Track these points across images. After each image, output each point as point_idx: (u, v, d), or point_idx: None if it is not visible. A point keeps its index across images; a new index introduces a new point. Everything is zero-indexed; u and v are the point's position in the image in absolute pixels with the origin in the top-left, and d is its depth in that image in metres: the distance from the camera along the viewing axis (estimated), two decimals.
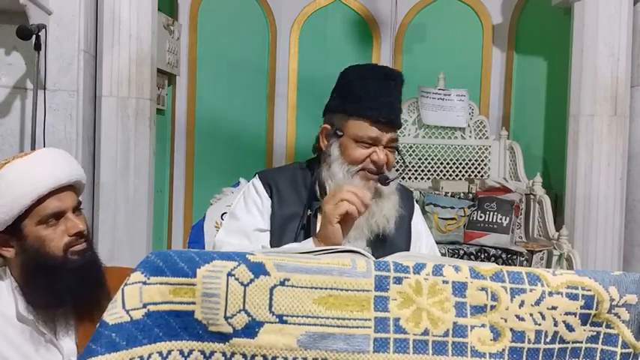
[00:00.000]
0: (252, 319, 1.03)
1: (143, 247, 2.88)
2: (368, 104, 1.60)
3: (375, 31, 4.18)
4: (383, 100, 1.61)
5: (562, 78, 3.48)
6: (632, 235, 3.29)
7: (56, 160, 1.44)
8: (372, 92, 1.61)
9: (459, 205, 3.48)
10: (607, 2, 3.14)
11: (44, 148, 1.49)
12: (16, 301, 1.41)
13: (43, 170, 1.40)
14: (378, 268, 1.07)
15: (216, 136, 3.94)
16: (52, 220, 1.40)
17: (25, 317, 1.41)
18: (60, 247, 1.40)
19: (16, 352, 1.39)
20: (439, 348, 1.05)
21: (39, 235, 1.39)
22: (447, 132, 3.89)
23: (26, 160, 1.41)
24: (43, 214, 1.39)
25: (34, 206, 1.38)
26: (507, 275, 1.09)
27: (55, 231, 1.40)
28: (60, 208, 1.41)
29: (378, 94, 1.61)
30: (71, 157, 1.51)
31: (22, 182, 1.37)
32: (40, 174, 1.39)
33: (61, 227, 1.41)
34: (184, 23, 3.82)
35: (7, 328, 1.40)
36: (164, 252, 1.05)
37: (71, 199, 1.44)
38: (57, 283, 1.38)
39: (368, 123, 1.60)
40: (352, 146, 1.62)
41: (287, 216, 1.66)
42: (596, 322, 1.10)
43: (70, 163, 1.48)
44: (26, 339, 1.40)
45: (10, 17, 2.69)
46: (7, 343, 1.39)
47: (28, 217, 1.38)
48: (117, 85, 2.89)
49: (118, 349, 0.99)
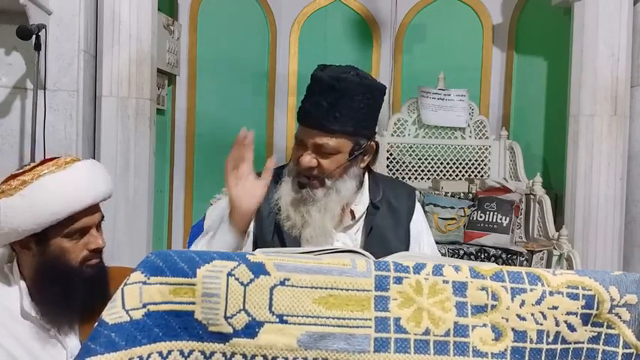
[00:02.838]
0: (253, 319, 1.03)
1: (143, 247, 2.87)
2: (307, 107, 1.61)
3: (375, 31, 4.18)
4: (315, 104, 1.58)
5: (562, 78, 3.48)
6: (632, 235, 3.29)
7: (95, 177, 1.44)
8: (310, 96, 1.61)
9: (459, 205, 3.48)
10: (607, 2, 3.14)
11: (84, 161, 1.46)
12: (22, 298, 1.42)
13: (82, 187, 1.39)
14: (378, 268, 1.07)
15: (216, 136, 3.94)
16: (77, 234, 1.41)
17: (28, 314, 1.41)
18: (77, 260, 1.42)
19: (21, 348, 1.39)
20: (441, 348, 1.05)
21: (61, 245, 1.40)
22: (447, 132, 3.88)
23: (67, 173, 1.39)
24: (72, 228, 1.40)
25: (66, 220, 1.38)
26: (507, 275, 1.09)
27: (76, 244, 1.42)
28: (87, 224, 1.42)
29: (315, 98, 1.59)
30: (105, 171, 1.51)
31: (61, 197, 1.36)
32: (81, 191, 1.38)
33: (83, 241, 1.42)
34: (184, 23, 3.82)
35: (12, 324, 1.40)
36: (164, 252, 1.05)
37: (98, 215, 1.46)
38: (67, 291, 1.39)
39: (301, 125, 1.63)
40: (294, 148, 1.66)
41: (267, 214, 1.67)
42: (597, 323, 1.10)
43: (106, 178, 1.48)
44: (32, 335, 1.41)
45: (10, 17, 2.68)
46: (12, 339, 1.39)
47: (56, 228, 1.38)
48: (117, 85, 2.89)
49: (117, 349, 0.99)
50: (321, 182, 1.61)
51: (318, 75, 1.61)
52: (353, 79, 1.59)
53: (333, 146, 1.58)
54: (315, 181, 1.61)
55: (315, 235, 1.60)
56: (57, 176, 1.37)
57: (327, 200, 1.61)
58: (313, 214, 1.60)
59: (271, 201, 1.65)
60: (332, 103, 1.57)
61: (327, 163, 1.60)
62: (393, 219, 1.70)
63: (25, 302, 1.42)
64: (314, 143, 1.59)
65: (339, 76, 1.57)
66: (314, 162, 1.60)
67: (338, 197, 1.61)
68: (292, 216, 1.62)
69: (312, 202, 1.61)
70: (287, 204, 1.62)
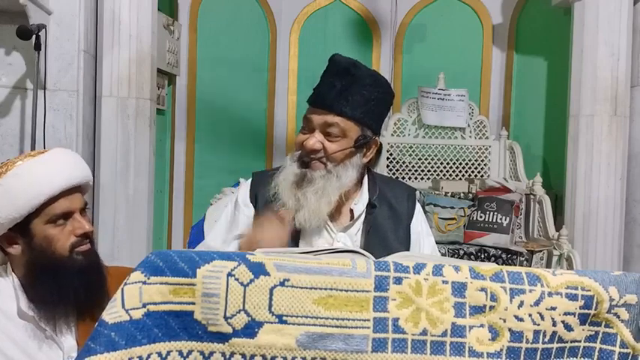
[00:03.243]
0: (252, 319, 1.03)
1: (143, 247, 2.88)
2: (314, 90, 1.63)
3: (375, 31, 4.18)
4: (326, 86, 1.61)
5: (562, 78, 3.48)
6: (632, 235, 3.29)
7: (67, 161, 1.46)
8: (321, 80, 1.63)
9: (459, 205, 3.48)
10: (607, 2, 3.14)
11: (55, 148, 1.50)
12: (18, 298, 1.42)
13: (55, 171, 1.41)
14: (378, 269, 1.07)
15: (216, 136, 3.94)
16: (60, 220, 1.42)
17: (25, 314, 1.41)
18: (66, 247, 1.42)
19: (17, 349, 1.39)
20: (437, 348, 1.06)
21: (46, 234, 1.40)
22: (447, 132, 3.89)
23: (38, 160, 1.42)
24: (53, 213, 1.40)
25: (44, 206, 1.39)
26: (507, 275, 1.08)
27: (62, 231, 1.42)
28: (69, 208, 1.43)
29: (326, 82, 1.61)
30: (80, 157, 1.53)
31: (35, 182, 1.38)
32: (52, 175, 1.40)
33: (68, 227, 1.43)
34: (184, 23, 3.82)
35: (8, 326, 1.40)
36: (164, 252, 1.05)
37: (79, 200, 1.46)
38: (61, 282, 1.39)
39: (310, 106, 1.63)
40: (299, 133, 1.65)
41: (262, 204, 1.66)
42: (595, 322, 1.10)
43: (80, 163, 1.50)
44: (28, 336, 1.41)
45: (10, 17, 2.69)
46: (8, 340, 1.39)
47: (37, 216, 1.39)
48: (117, 85, 2.89)
49: (117, 349, 0.99)
50: (323, 164, 1.60)
51: (336, 58, 1.64)
52: (369, 70, 1.65)
53: (341, 127, 1.59)
54: (317, 162, 1.60)
55: (309, 219, 1.58)
56: (29, 163, 1.40)
57: (326, 184, 1.59)
58: (309, 197, 1.58)
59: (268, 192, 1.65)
60: (345, 86, 1.59)
61: (332, 147, 1.60)
62: (393, 219, 1.70)
63: (21, 302, 1.42)
64: (324, 122, 1.59)
65: (356, 63, 1.62)
66: (319, 145, 1.59)
67: (338, 183, 1.60)
68: (286, 200, 1.60)
69: (310, 183, 1.59)
70: (284, 189, 1.61)
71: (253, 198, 1.69)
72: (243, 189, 1.72)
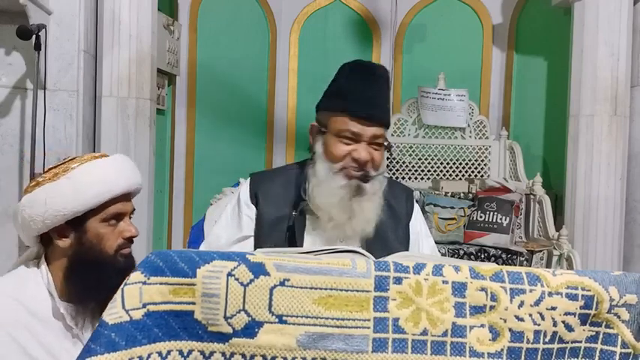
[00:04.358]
0: (252, 320, 1.03)
1: (143, 247, 2.88)
2: (350, 99, 1.59)
3: (375, 31, 4.18)
4: (365, 95, 1.59)
5: (562, 78, 3.48)
6: (632, 235, 3.29)
7: (129, 166, 1.55)
8: (354, 87, 1.60)
9: (459, 205, 3.48)
10: (607, 2, 3.14)
11: (117, 155, 1.58)
12: (51, 294, 1.44)
13: (120, 173, 1.50)
14: (378, 269, 1.07)
15: (216, 135, 3.94)
16: (112, 220, 1.48)
17: (57, 311, 1.43)
18: (113, 247, 1.47)
19: (42, 349, 1.40)
20: (437, 348, 1.06)
21: (98, 232, 1.46)
22: (447, 132, 3.89)
23: (105, 161, 1.50)
24: (109, 213, 1.46)
25: (105, 205, 1.46)
26: (507, 275, 1.08)
27: (112, 231, 1.48)
28: (123, 210, 1.50)
29: (361, 90, 1.59)
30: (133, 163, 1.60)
31: (103, 180, 1.45)
32: (118, 176, 1.49)
33: (118, 229, 1.49)
34: (184, 23, 3.82)
35: (35, 325, 1.41)
36: (164, 252, 1.05)
37: (131, 205, 1.54)
38: (102, 279, 1.41)
39: (348, 118, 1.58)
40: (334, 142, 1.59)
41: (274, 219, 1.64)
42: (596, 322, 1.10)
43: (136, 170, 1.58)
44: (55, 335, 1.43)
45: (10, 17, 2.69)
46: (33, 340, 1.40)
47: (95, 213, 1.45)
48: (117, 85, 2.89)
49: (117, 349, 0.99)
50: (370, 175, 1.60)
51: (365, 64, 1.64)
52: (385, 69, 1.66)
53: (384, 137, 1.61)
54: (369, 173, 1.59)
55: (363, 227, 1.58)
56: (98, 163, 1.49)
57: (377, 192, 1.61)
58: (364, 206, 1.58)
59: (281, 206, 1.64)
60: (379, 94, 1.61)
61: (377, 156, 1.60)
62: (393, 219, 1.70)
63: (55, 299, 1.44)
64: (373, 135, 1.58)
65: (382, 66, 1.64)
66: (369, 156, 1.59)
67: (380, 190, 1.62)
68: (336, 214, 1.58)
69: (364, 194, 1.59)
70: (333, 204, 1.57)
71: (254, 198, 1.68)
72: (244, 190, 1.72)
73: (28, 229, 1.44)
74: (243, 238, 1.66)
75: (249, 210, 1.68)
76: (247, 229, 1.67)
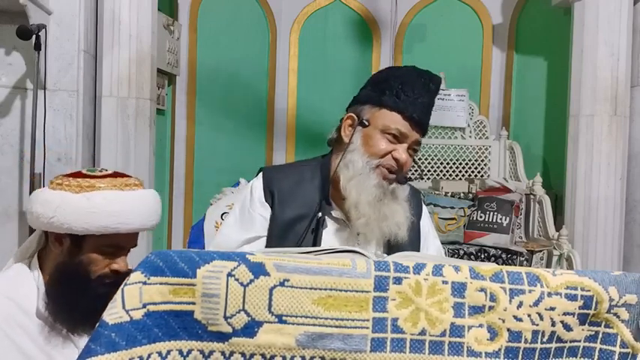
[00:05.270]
0: (252, 319, 1.03)
1: (143, 247, 2.88)
2: (405, 99, 1.56)
3: (375, 31, 4.18)
4: (421, 100, 1.58)
5: (562, 78, 3.48)
6: (632, 235, 3.29)
7: (151, 207, 1.51)
8: (411, 90, 1.58)
9: (459, 205, 3.48)
10: (607, 2, 3.14)
11: (148, 190, 1.54)
12: (38, 296, 1.44)
13: (137, 213, 1.46)
14: (378, 269, 1.07)
15: (216, 136, 3.94)
16: (111, 249, 1.46)
17: (41, 313, 1.43)
18: (96, 274, 1.45)
19: (34, 344, 1.41)
20: (435, 347, 1.06)
21: (91, 254, 1.45)
22: (447, 132, 3.89)
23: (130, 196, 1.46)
24: (109, 243, 1.45)
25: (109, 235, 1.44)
26: (507, 276, 1.08)
27: (103, 260, 1.46)
28: (124, 244, 1.48)
29: (418, 94, 1.58)
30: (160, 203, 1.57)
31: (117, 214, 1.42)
32: (134, 216, 1.45)
33: (109, 259, 1.47)
34: (184, 23, 3.82)
35: (26, 322, 1.42)
36: (164, 252, 1.05)
37: (134, 240, 1.51)
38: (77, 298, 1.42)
39: (401, 116, 1.56)
40: (377, 137, 1.57)
41: (290, 219, 1.60)
42: (595, 322, 1.10)
43: (158, 211, 1.54)
44: (45, 332, 1.43)
45: (10, 17, 2.69)
46: (25, 336, 1.41)
47: (97, 238, 1.44)
48: (117, 85, 2.89)
49: (118, 349, 0.99)
50: (407, 178, 1.61)
51: (424, 70, 1.63)
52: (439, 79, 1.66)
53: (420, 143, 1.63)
54: (404, 177, 1.60)
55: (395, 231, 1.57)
56: (122, 195, 1.45)
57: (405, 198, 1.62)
58: (395, 209, 1.58)
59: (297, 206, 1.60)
60: (432, 105, 1.62)
61: (410, 162, 1.62)
62: None
63: (40, 301, 1.44)
64: (416, 140, 1.60)
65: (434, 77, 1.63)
66: (408, 159, 1.59)
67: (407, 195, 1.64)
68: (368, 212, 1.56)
69: (397, 196, 1.59)
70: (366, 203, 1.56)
71: (269, 196, 1.62)
72: (257, 187, 1.65)
73: (35, 221, 1.45)
74: (255, 239, 1.61)
75: (263, 209, 1.62)
76: (261, 229, 1.61)
